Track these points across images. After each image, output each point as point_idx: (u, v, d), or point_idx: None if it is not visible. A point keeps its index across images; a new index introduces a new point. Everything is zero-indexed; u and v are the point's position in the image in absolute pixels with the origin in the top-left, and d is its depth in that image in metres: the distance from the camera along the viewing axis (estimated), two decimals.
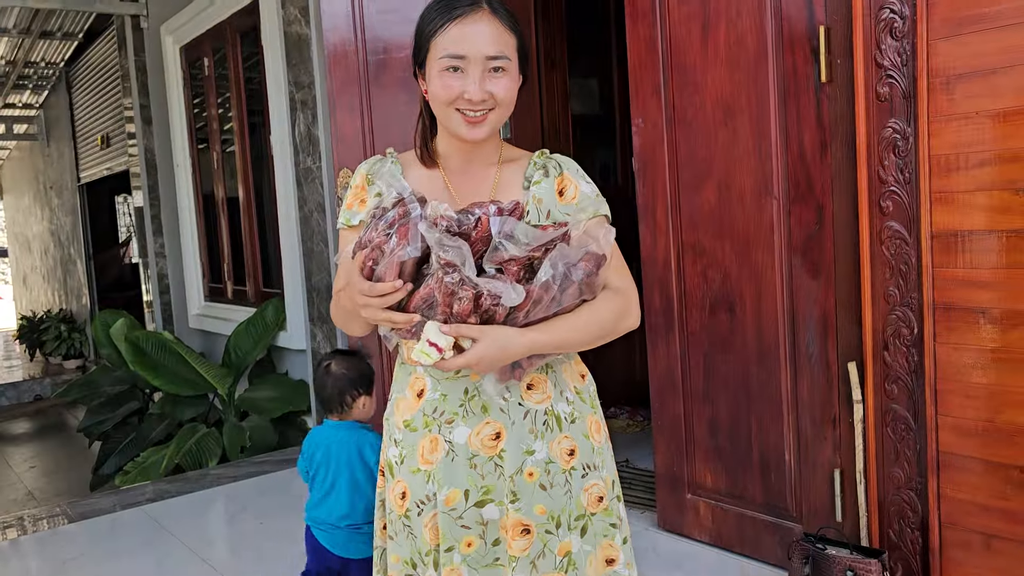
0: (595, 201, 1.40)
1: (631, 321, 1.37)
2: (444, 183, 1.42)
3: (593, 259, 1.24)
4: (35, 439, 7.78)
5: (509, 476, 1.33)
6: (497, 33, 1.32)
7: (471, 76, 1.30)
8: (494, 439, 1.34)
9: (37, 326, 10.18)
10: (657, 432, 2.64)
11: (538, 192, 1.39)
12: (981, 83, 1.86)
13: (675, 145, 2.48)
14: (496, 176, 1.41)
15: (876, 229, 2.07)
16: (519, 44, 1.36)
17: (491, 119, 1.34)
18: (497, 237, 1.17)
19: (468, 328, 1.19)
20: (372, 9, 3.07)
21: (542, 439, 1.35)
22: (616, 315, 1.33)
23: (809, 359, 2.24)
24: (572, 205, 1.38)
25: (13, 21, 7.34)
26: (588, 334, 1.30)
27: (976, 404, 1.94)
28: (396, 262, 1.14)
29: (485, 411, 1.34)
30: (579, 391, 1.42)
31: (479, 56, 1.30)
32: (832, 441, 2.22)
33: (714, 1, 2.32)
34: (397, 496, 1.39)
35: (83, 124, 8.80)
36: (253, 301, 5.15)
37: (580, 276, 1.21)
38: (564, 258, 1.19)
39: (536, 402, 1.36)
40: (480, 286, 1.15)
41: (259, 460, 4.01)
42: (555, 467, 1.35)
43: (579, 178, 1.41)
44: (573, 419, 1.39)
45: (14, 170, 13.22)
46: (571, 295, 1.23)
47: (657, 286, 2.57)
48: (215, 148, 5.41)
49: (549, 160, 1.42)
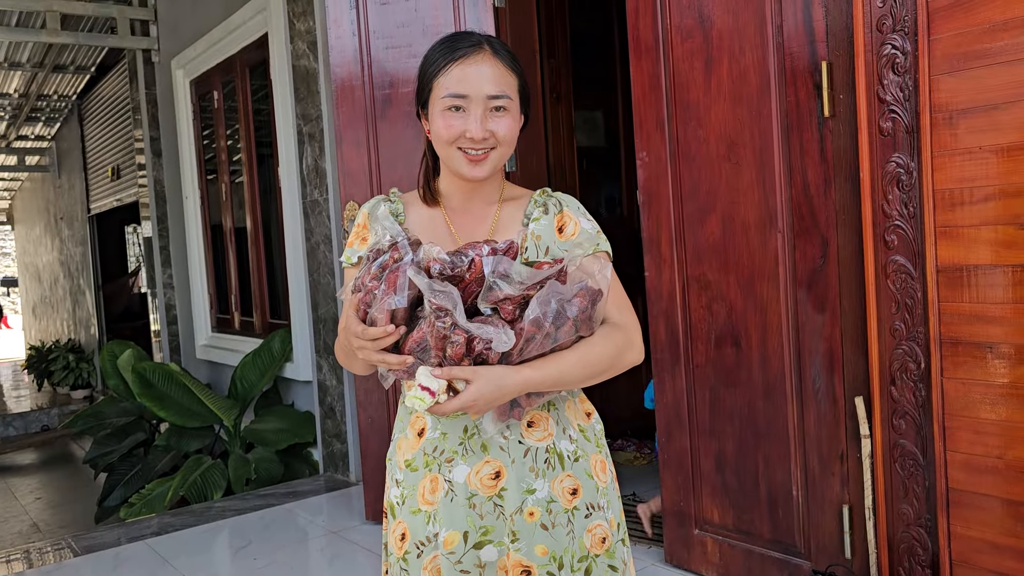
0: (594, 237, 1.40)
1: (633, 356, 1.35)
2: (445, 222, 1.43)
3: (588, 294, 1.22)
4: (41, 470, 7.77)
5: (509, 515, 1.32)
6: (498, 73, 1.34)
7: (472, 115, 1.32)
8: (493, 478, 1.33)
9: (46, 356, 10.20)
10: (664, 467, 2.62)
11: (537, 228, 1.39)
12: (984, 118, 1.87)
13: (679, 178, 2.48)
14: (496, 214, 1.42)
15: (881, 263, 2.07)
16: (520, 84, 1.38)
17: (492, 158, 1.35)
18: (491, 276, 1.17)
19: (460, 370, 1.18)
20: (379, 45, 3.11)
21: (543, 477, 1.33)
22: (616, 350, 1.31)
23: (816, 393, 2.23)
24: (571, 241, 1.38)
25: (27, 55, 7.46)
26: (586, 370, 1.28)
27: (985, 440, 1.92)
28: (386, 308, 1.15)
29: (485, 450, 1.33)
30: (583, 429, 1.40)
31: (480, 95, 1.32)
32: (840, 476, 2.19)
33: (717, 38, 2.34)
34: (397, 538, 1.38)
35: (94, 156, 8.89)
36: (260, 332, 5.15)
37: (575, 312, 1.20)
38: (557, 294, 1.18)
39: (537, 439, 1.34)
40: (471, 331, 1.15)
41: (264, 493, 3.99)
42: (557, 506, 1.33)
43: (579, 215, 1.41)
44: (576, 457, 1.36)
45: (25, 201, 13.35)
46: (566, 332, 1.21)
47: (663, 319, 2.56)
48: (223, 179, 5.45)
49: (550, 198, 1.42)
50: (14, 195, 14.27)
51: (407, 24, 3.07)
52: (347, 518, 3.49)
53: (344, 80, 3.14)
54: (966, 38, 1.89)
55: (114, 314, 9.71)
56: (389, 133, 3.12)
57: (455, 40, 1.36)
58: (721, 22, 2.33)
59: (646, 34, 2.51)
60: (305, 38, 3.91)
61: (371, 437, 3.29)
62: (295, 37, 3.98)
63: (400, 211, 1.44)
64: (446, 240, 1.40)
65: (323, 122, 3.87)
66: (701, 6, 2.38)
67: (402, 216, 1.44)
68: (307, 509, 3.67)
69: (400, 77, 3.09)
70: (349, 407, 3.94)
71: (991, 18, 1.84)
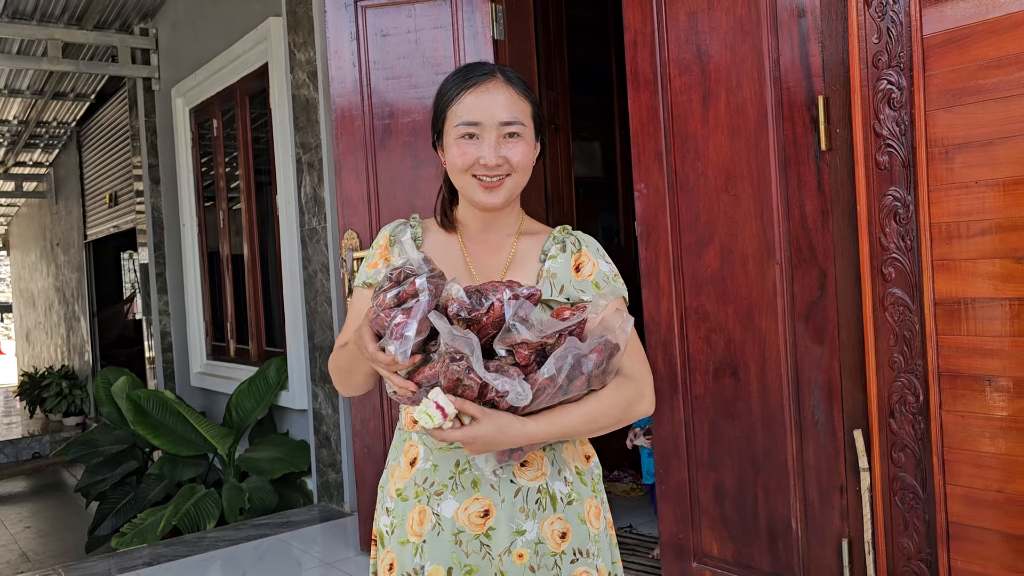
0: (613, 283, 1.38)
1: (643, 408, 1.31)
2: (461, 250, 1.41)
3: (606, 349, 1.19)
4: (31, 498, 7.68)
5: (498, 555, 1.29)
6: (511, 100, 1.34)
7: (486, 142, 1.32)
8: (482, 516, 1.30)
9: (38, 382, 10.14)
10: (662, 499, 2.61)
11: (553, 266, 1.37)
12: (980, 153, 1.89)
13: (677, 210, 2.50)
14: (513, 247, 1.40)
15: (879, 295, 2.08)
16: (534, 112, 1.38)
17: (508, 185, 1.35)
18: (511, 319, 1.15)
19: (472, 406, 1.16)
20: (379, 76, 3.13)
21: (533, 519, 1.30)
22: (626, 402, 1.28)
23: (815, 425, 2.23)
24: (588, 282, 1.36)
25: (28, 82, 7.50)
26: (592, 425, 1.25)
27: (985, 474, 1.92)
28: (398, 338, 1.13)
29: (475, 486, 1.30)
30: (580, 472, 1.37)
31: (493, 122, 1.32)
32: (840, 509, 2.18)
33: (714, 71, 2.37)
34: (385, 567, 1.36)
35: (92, 182, 8.91)
36: (255, 360, 5.14)
37: (590, 368, 1.18)
38: (575, 349, 1.16)
39: (530, 479, 1.31)
40: (487, 380, 1.13)
41: (258, 523, 3.95)
42: (544, 548, 1.30)
43: (598, 256, 1.39)
44: (570, 500, 1.33)
45: (22, 227, 13.35)
46: (579, 386, 1.19)
47: (661, 350, 2.56)
48: (221, 207, 5.46)
49: (569, 236, 1.41)
50: (10, 221, 14.27)
51: (407, 56, 3.10)
52: (342, 549, 3.46)
53: (344, 110, 3.17)
54: (961, 74, 1.91)
55: (108, 341, 9.67)
56: (388, 163, 3.14)
57: (468, 70, 1.37)
58: (719, 56, 2.36)
59: (644, 67, 2.54)
60: (305, 68, 3.94)
61: (366, 467, 3.27)
62: (295, 67, 4.01)
63: (419, 236, 1.43)
64: (460, 269, 1.38)
65: (322, 151, 3.89)
66: (699, 40, 2.41)
67: (420, 240, 1.43)
68: (301, 539, 3.64)
69: (400, 107, 3.12)
70: (344, 436, 3.92)
71: (985, 55, 1.87)
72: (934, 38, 1.95)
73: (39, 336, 12.45)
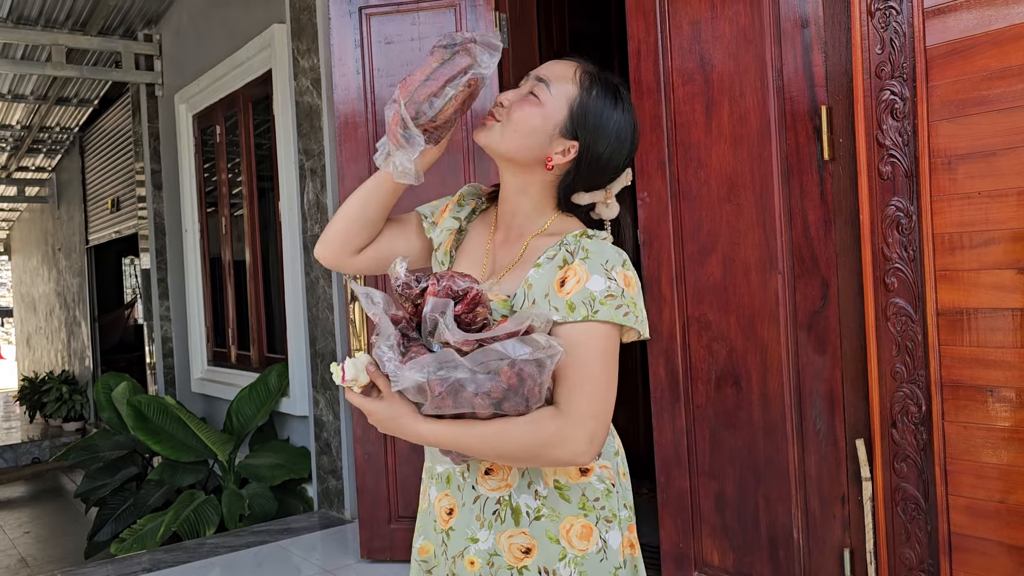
0: (591, 302, 1.16)
1: (565, 455, 1.13)
2: (489, 239, 1.36)
3: (515, 377, 1.07)
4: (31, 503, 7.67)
5: (452, 556, 1.27)
6: (561, 69, 1.28)
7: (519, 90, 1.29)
8: (447, 513, 1.29)
9: (39, 387, 10.13)
10: (663, 508, 2.60)
11: (534, 276, 1.22)
12: (983, 164, 1.89)
13: (680, 219, 2.50)
14: (525, 246, 1.30)
15: (881, 305, 2.08)
16: (576, 101, 1.25)
17: (493, 130, 1.27)
18: (426, 314, 1.11)
19: (383, 383, 1.14)
20: (383, 83, 3.14)
21: (489, 529, 1.23)
22: (537, 443, 1.12)
23: (817, 435, 2.22)
24: (563, 300, 1.17)
25: (31, 87, 7.52)
26: (492, 452, 1.14)
27: (987, 484, 1.91)
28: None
29: (448, 482, 1.30)
30: (563, 487, 1.23)
31: (535, 75, 1.29)
32: (841, 520, 2.18)
33: (717, 81, 2.38)
34: None
35: (94, 187, 8.92)
36: (256, 366, 5.13)
37: (479, 389, 1.07)
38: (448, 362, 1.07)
39: (491, 489, 1.24)
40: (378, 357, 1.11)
41: (258, 529, 3.94)
42: (500, 560, 1.22)
43: (597, 270, 1.17)
44: (539, 516, 1.22)
45: (24, 231, 13.36)
46: (477, 405, 1.09)
47: (662, 358, 2.56)
48: (223, 213, 5.47)
49: (579, 241, 1.22)
50: (12, 225, 14.29)
51: (411, 63, 3.11)
52: (342, 556, 3.45)
53: (348, 117, 3.17)
54: (964, 85, 1.92)
55: (109, 346, 9.67)
56: None
57: None
58: (722, 66, 2.36)
59: (648, 76, 2.55)
60: (309, 75, 3.95)
61: (367, 474, 3.26)
62: (299, 74, 4.02)
63: (474, 215, 1.42)
64: (478, 258, 1.36)
65: (325, 158, 3.89)
66: (702, 50, 2.42)
67: (473, 217, 1.42)
68: (301, 547, 3.63)
69: None
70: (345, 443, 3.91)
71: (988, 66, 1.88)
72: (937, 49, 1.95)
73: (40, 341, 12.45)
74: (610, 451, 1.30)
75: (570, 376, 1.14)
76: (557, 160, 1.27)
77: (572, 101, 1.25)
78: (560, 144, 1.26)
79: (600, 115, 1.26)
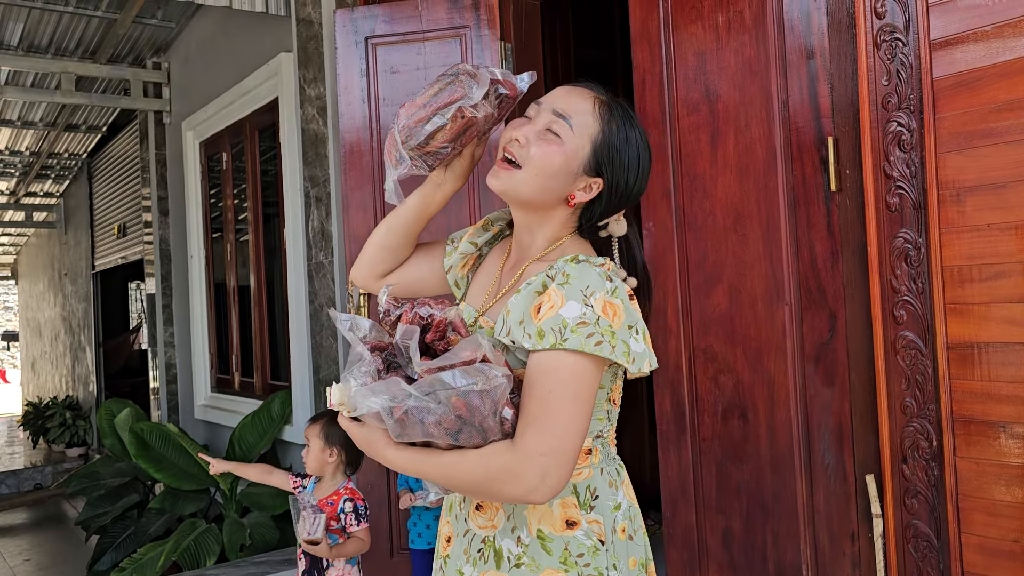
0: (561, 329, 1.08)
1: (518, 491, 1.06)
2: (501, 263, 1.34)
3: (464, 407, 1.03)
4: (32, 530, 7.61)
5: None
6: (580, 101, 1.21)
7: (532, 124, 1.21)
8: (447, 540, 1.29)
9: (42, 412, 10.11)
10: (668, 542, 2.56)
11: (513, 302, 1.16)
12: (991, 196, 1.87)
13: (685, 249, 2.48)
14: (521, 272, 1.26)
15: (890, 338, 2.05)
16: (599, 139, 1.19)
17: (511, 175, 1.20)
18: (396, 341, 1.11)
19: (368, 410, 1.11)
20: (389, 111, 3.15)
21: (474, 566, 1.21)
22: (486, 477, 1.07)
23: (826, 470, 2.19)
24: (534, 326, 1.10)
25: (41, 114, 7.58)
26: (447, 482, 1.11)
27: (1000, 523, 1.87)
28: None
29: (450, 510, 1.31)
30: (546, 538, 1.16)
31: (549, 107, 1.21)
32: (851, 557, 2.14)
33: (723, 111, 2.37)
34: None
35: (101, 213, 8.97)
36: (260, 393, 5.11)
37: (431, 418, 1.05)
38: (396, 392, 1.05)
39: (479, 526, 1.22)
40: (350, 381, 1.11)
41: (259, 560, 3.89)
42: None
43: (574, 296, 1.09)
44: (519, 563, 1.16)
45: (31, 256, 13.41)
46: (435, 435, 1.07)
47: (668, 390, 2.53)
48: (229, 239, 5.48)
49: (564, 267, 1.14)
50: (19, 250, 14.35)
51: (416, 93, 3.11)
52: None
53: (353, 145, 3.18)
54: (972, 117, 1.90)
55: (113, 371, 9.66)
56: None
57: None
58: (727, 96, 2.36)
59: (653, 106, 2.54)
60: (315, 103, 3.97)
61: (369, 503, 3.22)
62: (305, 102, 4.04)
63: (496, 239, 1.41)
64: (488, 282, 1.34)
65: (331, 185, 3.90)
66: (707, 80, 2.41)
67: (493, 244, 1.40)
68: None
69: None
70: None
71: (996, 98, 1.86)
72: (944, 80, 1.94)
73: (44, 366, 12.45)
74: (607, 505, 1.20)
75: (529, 408, 1.07)
76: (580, 197, 1.23)
77: (595, 138, 1.20)
78: (583, 181, 1.21)
79: (623, 150, 1.21)
